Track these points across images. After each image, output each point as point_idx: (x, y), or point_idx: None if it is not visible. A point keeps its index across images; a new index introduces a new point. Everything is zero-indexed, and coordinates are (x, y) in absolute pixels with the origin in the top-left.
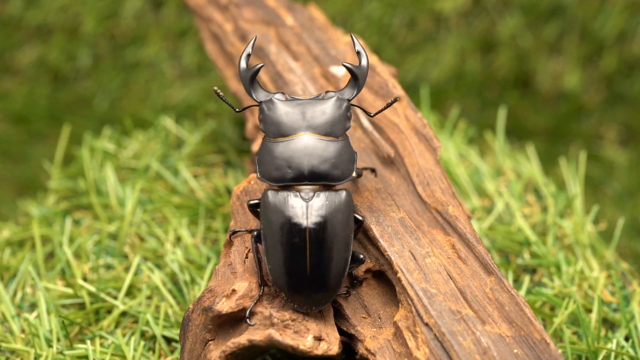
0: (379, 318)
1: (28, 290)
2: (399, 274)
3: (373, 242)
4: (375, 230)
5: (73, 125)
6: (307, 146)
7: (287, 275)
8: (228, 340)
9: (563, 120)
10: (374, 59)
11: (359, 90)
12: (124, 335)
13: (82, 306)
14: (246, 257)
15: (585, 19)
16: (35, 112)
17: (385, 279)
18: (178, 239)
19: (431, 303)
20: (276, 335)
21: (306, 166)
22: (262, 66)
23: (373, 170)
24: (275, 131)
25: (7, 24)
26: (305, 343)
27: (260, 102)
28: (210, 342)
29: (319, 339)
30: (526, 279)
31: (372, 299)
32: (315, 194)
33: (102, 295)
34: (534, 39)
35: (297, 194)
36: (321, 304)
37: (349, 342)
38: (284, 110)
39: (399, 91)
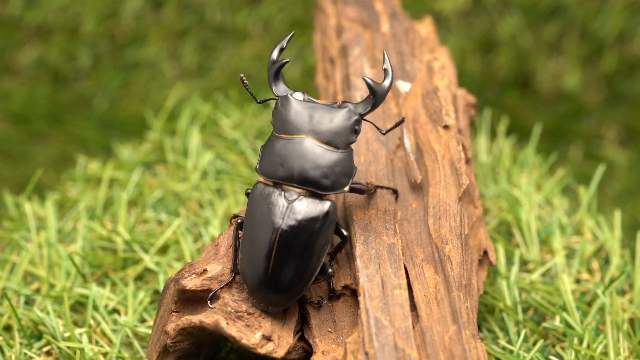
0: (342, 336)
1: (79, 225)
2: (360, 297)
3: (353, 260)
4: (358, 249)
5: (73, 126)
6: (304, 149)
7: (250, 269)
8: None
9: (563, 120)
10: (442, 83)
11: (373, 108)
12: (138, 289)
13: (116, 252)
14: None
15: (585, 19)
16: (35, 112)
17: None
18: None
19: (378, 334)
20: (222, 322)
21: (297, 168)
22: (287, 62)
23: (395, 192)
24: (281, 128)
25: (7, 24)
26: (250, 338)
27: (278, 96)
28: (174, 313)
29: (268, 338)
30: (539, 343)
31: (343, 316)
32: (299, 198)
33: (135, 246)
34: (534, 39)
35: (282, 193)
36: (278, 305)
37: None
38: (294, 110)
39: (450, 119)
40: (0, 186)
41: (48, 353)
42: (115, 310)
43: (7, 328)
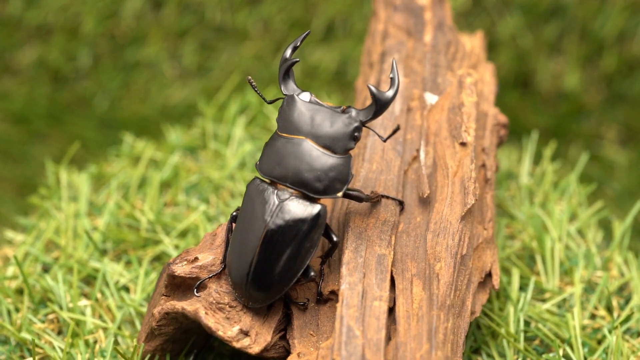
0: (322, 340)
1: (111, 200)
2: (338, 304)
3: (340, 266)
4: (346, 256)
5: (73, 126)
6: (301, 151)
7: (235, 263)
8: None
9: (563, 120)
10: (469, 100)
11: (374, 117)
12: (153, 269)
13: (139, 231)
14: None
15: (585, 19)
16: (35, 112)
17: None
18: None
19: (347, 342)
20: (201, 311)
21: (292, 169)
22: (297, 61)
23: (401, 203)
24: (283, 127)
25: (7, 24)
26: (227, 331)
27: (285, 95)
28: (163, 297)
29: (245, 333)
30: None
31: (327, 321)
32: (290, 198)
33: (158, 227)
34: (534, 39)
35: (275, 191)
36: (258, 302)
37: None
38: (298, 110)
39: (469, 136)
40: (0, 186)
41: (52, 321)
42: (126, 288)
43: (21, 291)
